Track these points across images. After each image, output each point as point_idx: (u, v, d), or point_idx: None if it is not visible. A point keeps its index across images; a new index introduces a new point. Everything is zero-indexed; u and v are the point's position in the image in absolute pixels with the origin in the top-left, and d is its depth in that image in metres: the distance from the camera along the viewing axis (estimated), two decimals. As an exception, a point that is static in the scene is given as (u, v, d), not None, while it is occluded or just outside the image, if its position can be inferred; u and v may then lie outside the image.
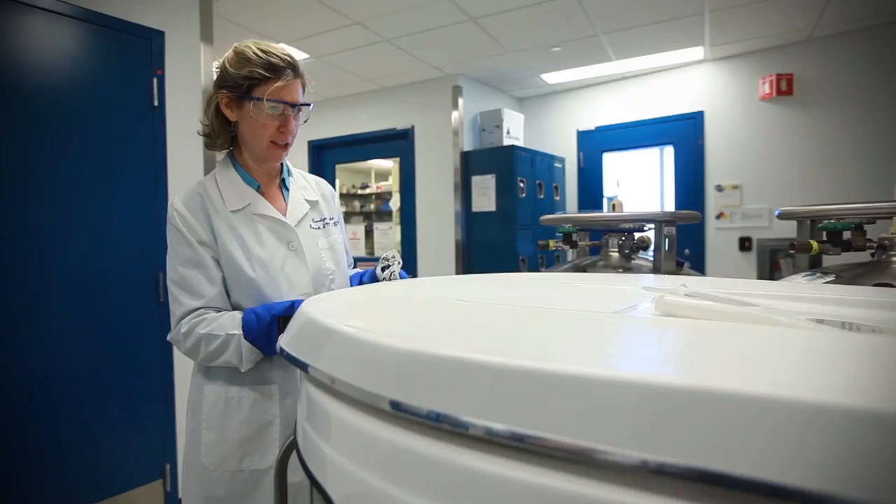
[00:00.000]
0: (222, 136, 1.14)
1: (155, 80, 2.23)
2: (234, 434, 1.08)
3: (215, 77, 1.11)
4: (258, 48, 1.07)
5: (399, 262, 1.20)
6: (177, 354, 2.31)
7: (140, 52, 2.19)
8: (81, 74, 2.01)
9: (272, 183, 1.19)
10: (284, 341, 0.61)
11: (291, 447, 0.66)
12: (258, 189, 1.15)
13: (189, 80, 2.41)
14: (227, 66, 1.08)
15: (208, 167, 2.48)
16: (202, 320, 1.05)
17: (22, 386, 1.85)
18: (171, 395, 2.29)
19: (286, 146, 1.12)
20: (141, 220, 2.20)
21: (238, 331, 1.01)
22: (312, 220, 1.20)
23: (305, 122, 1.15)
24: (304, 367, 0.53)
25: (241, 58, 1.06)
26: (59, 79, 1.95)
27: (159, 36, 2.25)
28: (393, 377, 0.43)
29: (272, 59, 1.05)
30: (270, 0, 2.98)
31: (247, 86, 1.06)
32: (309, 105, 1.13)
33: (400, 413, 0.41)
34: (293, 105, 1.09)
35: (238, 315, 1.04)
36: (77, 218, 2.00)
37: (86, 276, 2.02)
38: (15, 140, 1.84)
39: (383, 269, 1.20)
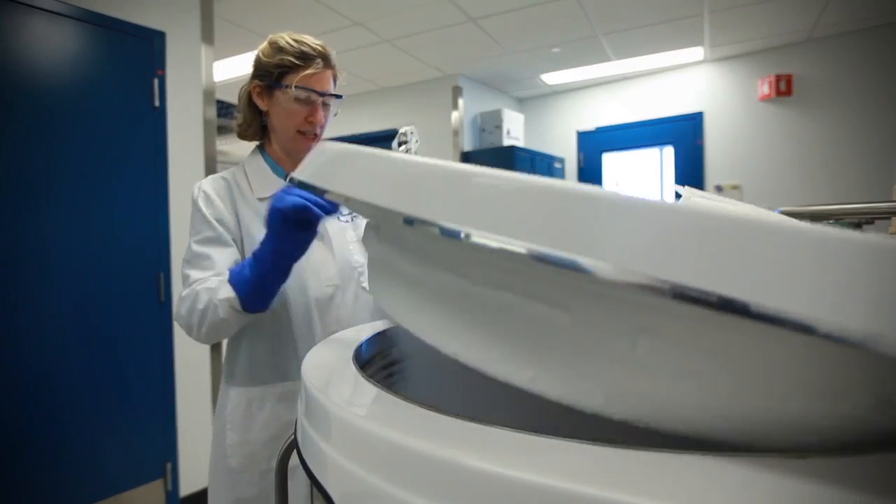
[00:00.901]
0: (253, 125, 1.14)
1: (156, 81, 2.23)
2: (258, 435, 1.06)
3: (251, 68, 1.12)
4: (291, 38, 1.08)
5: (417, 140, 1.12)
6: (178, 354, 2.31)
7: (141, 52, 2.19)
8: (83, 75, 2.01)
9: None
10: (299, 172, 0.59)
11: (292, 446, 0.66)
12: (286, 178, 1.13)
13: (190, 80, 2.41)
14: (261, 55, 1.08)
15: (209, 167, 2.48)
16: (205, 279, 1.00)
17: (23, 385, 1.85)
18: (172, 394, 2.29)
19: (314, 137, 1.11)
20: (142, 220, 2.20)
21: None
22: (341, 212, 1.17)
23: (335, 115, 1.14)
24: (320, 191, 0.51)
25: (274, 47, 1.07)
26: (61, 79, 1.95)
27: (160, 37, 2.25)
28: (408, 191, 0.41)
29: (304, 48, 1.06)
30: (271, 1, 2.99)
31: (277, 73, 1.06)
32: (339, 97, 1.12)
33: (414, 226, 0.39)
34: (321, 94, 1.08)
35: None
36: (78, 217, 2.00)
37: (87, 276, 2.02)
38: (16, 140, 1.84)
39: (400, 144, 1.12)
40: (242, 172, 1.13)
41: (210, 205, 1.05)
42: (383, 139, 4.69)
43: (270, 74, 1.06)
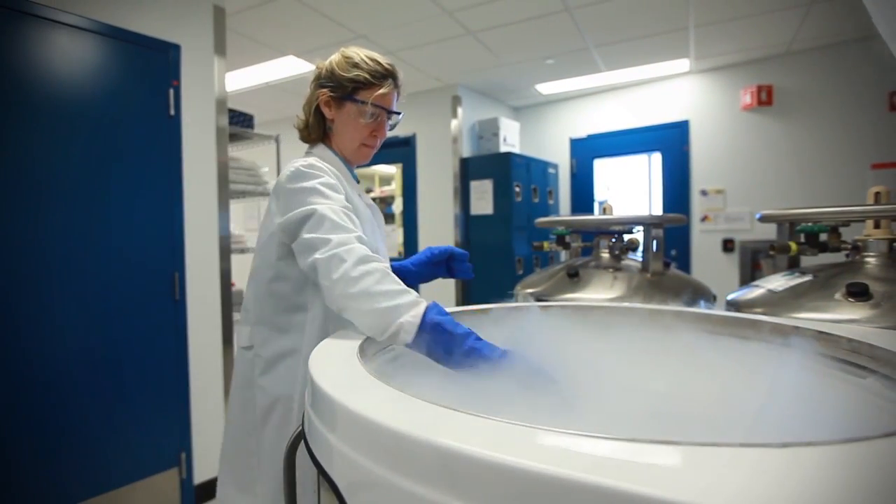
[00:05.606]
0: (317, 130, 1.13)
1: (171, 91, 2.23)
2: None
3: (315, 76, 1.11)
4: (365, 55, 1.08)
5: None
6: (192, 349, 2.31)
7: (157, 64, 2.19)
8: (102, 86, 2.01)
9: None
10: None
11: (300, 437, 0.66)
12: (358, 182, 1.17)
13: (203, 90, 2.41)
14: (335, 67, 1.07)
15: (221, 172, 2.48)
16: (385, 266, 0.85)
17: (45, 378, 1.85)
18: (186, 387, 2.29)
19: (373, 148, 1.14)
20: (158, 222, 2.19)
21: (423, 302, 0.80)
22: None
23: (392, 129, 1.15)
24: None
25: (349, 62, 1.07)
26: (82, 90, 1.95)
27: (175, 49, 2.25)
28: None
29: (378, 67, 1.07)
30: (280, 15, 2.99)
31: (351, 88, 1.06)
32: (400, 114, 1.13)
33: None
34: (390, 112, 1.10)
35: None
36: (97, 220, 2.00)
37: (106, 276, 2.02)
38: (40, 147, 1.84)
39: None
40: (324, 162, 1.06)
41: (332, 178, 1.00)
42: (386, 146, 4.68)
43: (343, 87, 1.06)
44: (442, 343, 0.74)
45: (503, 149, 4.27)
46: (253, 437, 1.07)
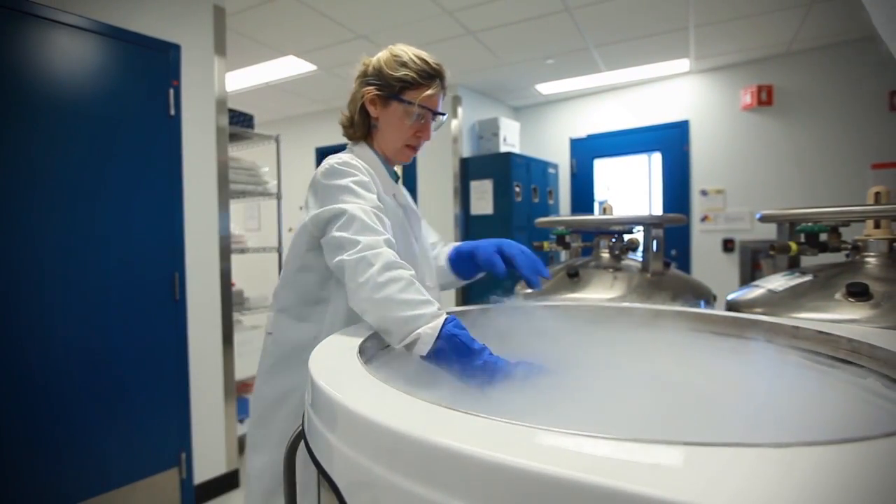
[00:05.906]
0: (361, 128, 1.10)
1: (171, 91, 2.23)
2: None
3: (360, 72, 1.09)
4: (414, 53, 1.05)
5: None
6: (192, 349, 2.31)
7: (157, 64, 2.19)
8: (103, 86, 2.01)
9: None
10: None
11: (300, 437, 0.66)
12: (397, 181, 1.13)
13: (203, 90, 2.41)
14: (383, 65, 1.05)
15: (221, 172, 2.47)
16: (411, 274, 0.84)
17: (45, 378, 1.85)
18: (186, 387, 2.29)
19: (416, 149, 1.11)
20: (158, 223, 2.19)
21: (443, 315, 0.80)
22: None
23: (436, 130, 1.12)
24: None
25: (397, 60, 1.04)
26: (83, 90, 1.95)
27: (175, 49, 2.25)
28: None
29: (426, 67, 1.05)
30: (281, 15, 2.99)
31: (399, 87, 1.04)
32: (444, 115, 1.11)
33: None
34: (435, 113, 1.08)
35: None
36: (98, 221, 2.00)
37: (108, 275, 2.02)
38: (40, 147, 1.84)
39: None
40: (360, 160, 1.06)
41: (366, 176, 1.00)
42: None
43: (391, 86, 1.04)
44: (457, 356, 0.76)
45: (503, 149, 4.27)
46: (252, 429, 1.08)
